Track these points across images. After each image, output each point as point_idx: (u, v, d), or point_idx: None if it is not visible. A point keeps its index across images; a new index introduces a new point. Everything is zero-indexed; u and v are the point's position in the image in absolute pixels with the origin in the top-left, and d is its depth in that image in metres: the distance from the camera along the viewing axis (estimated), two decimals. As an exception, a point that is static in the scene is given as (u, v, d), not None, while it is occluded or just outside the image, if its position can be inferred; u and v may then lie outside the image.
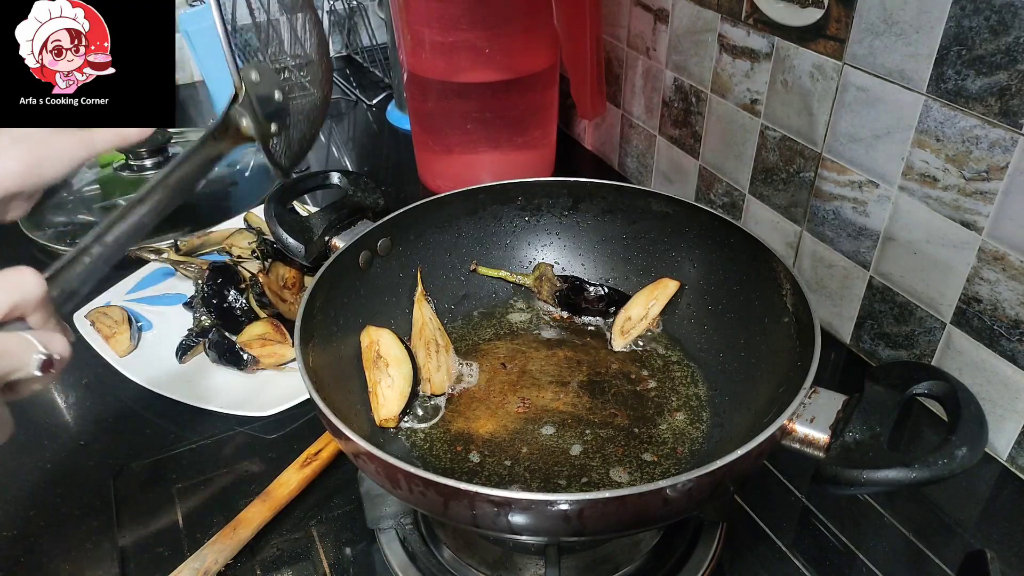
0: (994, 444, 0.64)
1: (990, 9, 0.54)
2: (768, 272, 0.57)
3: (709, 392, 0.61)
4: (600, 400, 0.61)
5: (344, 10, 1.43)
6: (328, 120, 1.29)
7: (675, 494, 0.40)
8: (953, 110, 0.59)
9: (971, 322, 0.63)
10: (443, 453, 0.57)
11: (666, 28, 0.89)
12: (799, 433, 0.45)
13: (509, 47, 0.92)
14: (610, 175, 1.09)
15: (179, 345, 0.74)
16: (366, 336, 0.62)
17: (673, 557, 0.56)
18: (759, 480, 0.63)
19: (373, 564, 0.58)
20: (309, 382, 0.48)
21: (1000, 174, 0.57)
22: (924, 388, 0.46)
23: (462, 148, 1.00)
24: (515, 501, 0.40)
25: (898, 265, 0.68)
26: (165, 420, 0.70)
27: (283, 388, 0.71)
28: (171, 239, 0.88)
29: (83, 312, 0.78)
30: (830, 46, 0.68)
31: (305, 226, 0.64)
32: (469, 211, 0.70)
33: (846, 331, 0.76)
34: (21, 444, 0.68)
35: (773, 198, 0.80)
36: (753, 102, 0.79)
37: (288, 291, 0.77)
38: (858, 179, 0.69)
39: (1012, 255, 0.58)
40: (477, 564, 0.55)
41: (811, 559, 0.57)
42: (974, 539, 0.59)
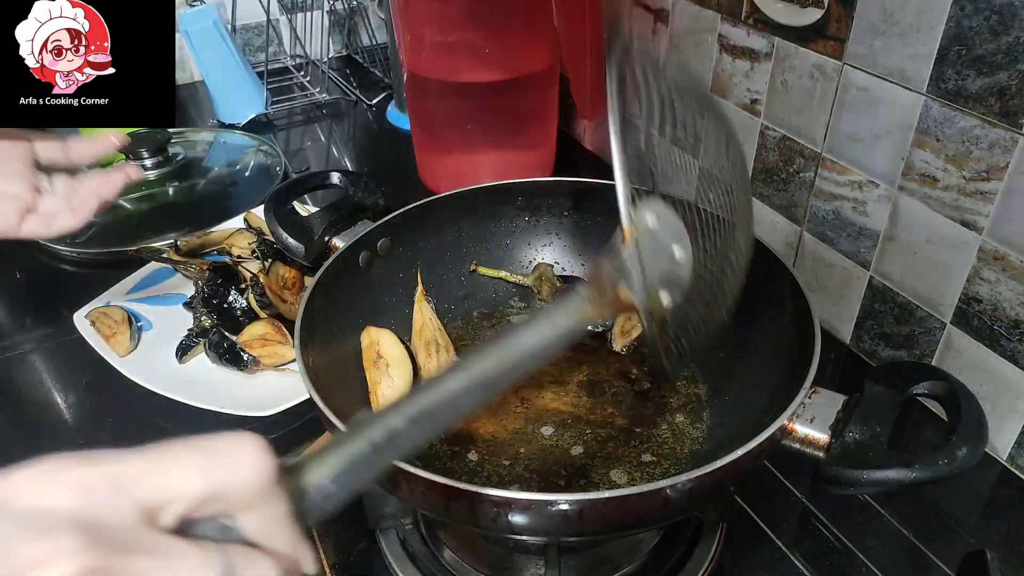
0: (994, 444, 0.64)
1: (990, 9, 0.54)
2: (768, 272, 0.57)
3: (709, 392, 0.61)
4: (600, 400, 0.61)
5: (344, 10, 1.43)
6: (328, 120, 1.29)
7: (675, 494, 0.40)
8: (953, 110, 0.59)
9: (971, 322, 0.63)
10: (443, 453, 0.57)
11: (666, 28, 0.89)
12: (799, 433, 0.45)
13: (509, 47, 0.92)
14: (610, 175, 1.09)
15: (179, 345, 0.74)
16: (366, 336, 0.62)
17: (673, 557, 0.56)
18: (759, 480, 0.63)
19: (373, 564, 0.58)
20: (309, 382, 0.48)
21: (1000, 174, 0.57)
22: (924, 388, 0.46)
23: (462, 148, 1.00)
24: (515, 501, 0.40)
25: (898, 265, 0.68)
26: (165, 420, 0.70)
27: (283, 388, 0.71)
28: (171, 239, 0.88)
29: (83, 312, 0.78)
30: (830, 46, 0.67)
31: (305, 226, 0.64)
32: (469, 211, 0.70)
33: (846, 331, 0.76)
34: (20, 444, 0.68)
35: (773, 198, 0.80)
36: (753, 102, 0.79)
37: (288, 291, 0.77)
38: (858, 179, 0.69)
39: (1012, 255, 0.58)
40: (477, 564, 0.55)
41: (811, 559, 0.57)
42: (974, 539, 0.59)
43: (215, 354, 0.72)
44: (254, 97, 1.24)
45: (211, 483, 0.25)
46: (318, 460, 0.30)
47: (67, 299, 0.81)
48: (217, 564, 0.24)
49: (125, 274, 0.85)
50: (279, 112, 1.29)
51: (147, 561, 0.23)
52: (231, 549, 0.25)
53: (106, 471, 0.24)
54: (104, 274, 0.84)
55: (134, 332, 0.77)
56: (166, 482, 0.24)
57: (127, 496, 0.24)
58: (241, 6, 1.35)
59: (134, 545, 0.23)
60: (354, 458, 0.30)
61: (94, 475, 0.24)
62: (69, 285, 0.85)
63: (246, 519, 0.26)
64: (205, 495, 0.25)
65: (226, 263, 0.80)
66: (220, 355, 0.72)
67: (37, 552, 0.21)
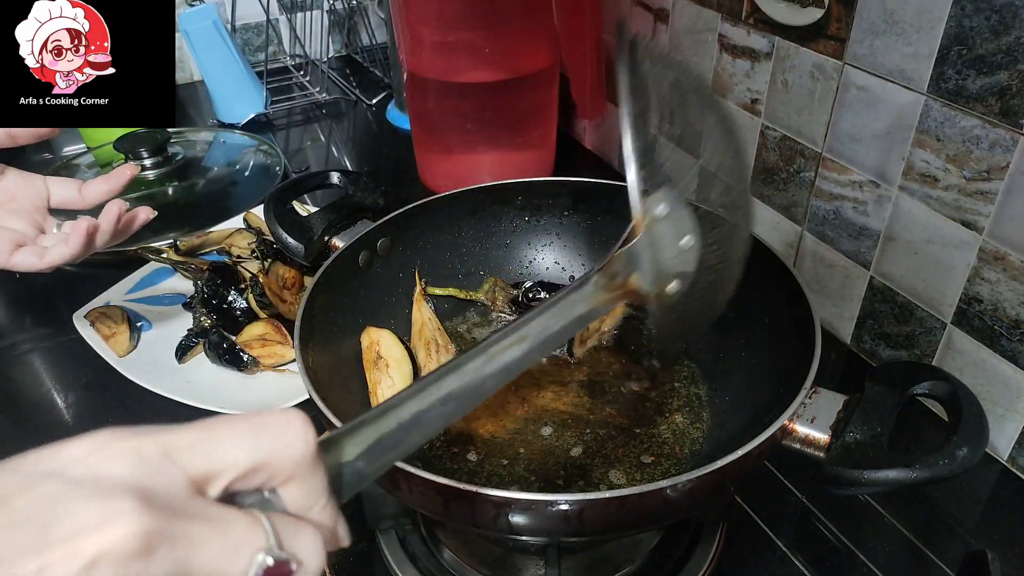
0: (995, 444, 0.64)
1: (991, 9, 0.54)
2: (768, 272, 0.57)
3: (709, 392, 0.61)
4: (600, 400, 0.61)
5: (344, 10, 1.43)
6: (328, 120, 1.29)
7: (675, 494, 0.40)
8: (954, 110, 0.58)
9: (972, 322, 0.63)
10: (442, 453, 0.57)
11: (666, 28, 0.89)
12: (799, 433, 0.45)
13: (509, 47, 0.92)
14: (610, 175, 1.09)
15: (178, 345, 0.74)
16: (366, 337, 0.61)
17: (673, 557, 0.56)
18: (760, 480, 0.63)
19: (373, 565, 0.58)
20: (309, 382, 0.48)
21: (1001, 174, 0.57)
22: (925, 388, 0.46)
23: (462, 148, 1.00)
24: (515, 501, 0.40)
25: (899, 265, 0.68)
26: (165, 420, 0.69)
27: (283, 388, 0.71)
28: (171, 239, 0.88)
29: (82, 312, 0.78)
30: (830, 46, 0.67)
31: (305, 226, 0.64)
32: (469, 211, 0.70)
33: (846, 331, 0.76)
34: (21, 444, 0.68)
35: (773, 198, 0.80)
36: (753, 102, 0.79)
37: (288, 291, 0.77)
38: (858, 179, 0.69)
39: (1013, 255, 0.58)
40: (477, 564, 0.55)
41: (811, 559, 0.57)
42: (974, 539, 0.59)
43: (214, 354, 0.72)
44: (254, 97, 1.24)
45: (258, 455, 0.25)
46: (349, 437, 0.30)
47: (66, 299, 0.81)
48: (267, 531, 0.25)
49: (124, 274, 0.85)
50: (279, 112, 1.29)
51: (201, 526, 0.23)
52: (277, 518, 0.25)
53: (158, 442, 0.24)
54: (103, 274, 0.84)
55: (133, 332, 0.77)
56: (216, 454, 0.25)
57: (178, 466, 0.24)
58: (241, 6, 1.35)
59: (188, 511, 0.23)
60: (383, 437, 0.31)
61: (147, 445, 0.24)
62: (68, 285, 0.85)
63: (288, 491, 0.27)
64: (252, 466, 0.25)
65: (226, 263, 0.80)
66: (220, 355, 0.72)
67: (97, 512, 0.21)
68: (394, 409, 0.31)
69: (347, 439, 0.30)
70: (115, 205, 0.60)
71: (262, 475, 0.26)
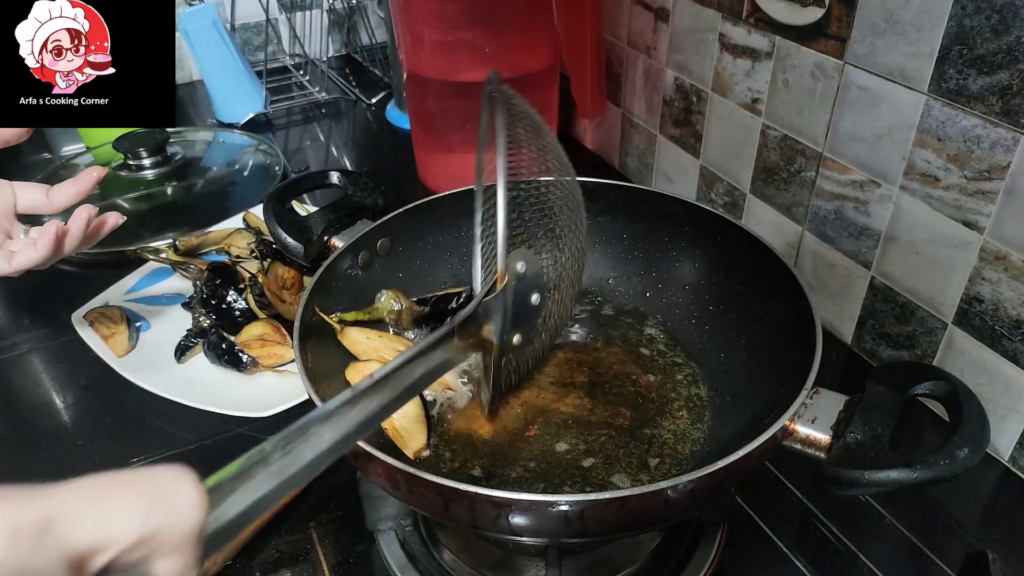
0: (995, 444, 0.64)
1: (991, 8, 0.54)
2: (769, 272, 0.57)
3: (710, 393, 0.61)
4: (601, 401, 0.61)
5: (344, 9, 1.43)
6: (327, 120, 1.29)
7: (676, 495, 0.40)
8: (954, 109, 0.58)
9: (973, 322, 0.63)
10: (443, 454, 0.57)
11: (667, 27, 0.89)
12: (800, 434, 0.45)
13: (509, 46, 0.92)
14: (610, 175, 1.09)
15: (177, 346, 0.74)
16: (354, 373, 0.59)
17: (674, 558, 0.56)
18: (760, 481, 0.63)
19: (373, 566, 0.57)
20: (308, 383, 0.48)
21: (1002, 174, 0.57)
22: (925, 388, 0.46)
23: (462, 148, 1.00)
24: (516, 502, 0.40)
25: (899, 265, 0.68)
26: (164, 421, 0.70)
27: (282, 389, 0.71)
28: (170, 239, 0.88)
29: (81, 312, 0.78)
30: (831, 45, 0.67)
31: (304, 226, 0.63)
32: (469, 211, 0.70)
33: (847, 331, 0.76)
34: (19, 445, 0.68)
35: (774, 198, 0.80)
36: (754, 101, 0.79)
37: (287, 291, 0.77)
38: (859, 179, 0.69)
39: (1014, 255, 0.58)
40: (477, 566, 0.55)
41: (812, 560, 0.57)
42: (975, 540, 0.59)
43: (214, 355, 0.72)
44: (253, 96, 1.23)
45: (148, 527, 0.23)
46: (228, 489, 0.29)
47: (65, 299, 0.81)
48: None
49: (123, 274, 0.85)
50: (278, 111, 1.28)
51: None
52: None
53: (40, 512, 0.22)
54: (102, 274, 0.84)
55: (132, 332, 0.76)
56: (104, 524, 0.23)
57: (61, 541, 0.22)
58: (240, 5, 1.35)
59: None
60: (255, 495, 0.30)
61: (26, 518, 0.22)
62: (67, 285, 0.85)
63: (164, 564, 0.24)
64: (139, 539, 0.23)
65: (225, 263, 0.80)
66: (219, 356, 0.72)
67: None
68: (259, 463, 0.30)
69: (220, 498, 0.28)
70: (84, 210, 0.60)
71: (145, 549, 0.23)
